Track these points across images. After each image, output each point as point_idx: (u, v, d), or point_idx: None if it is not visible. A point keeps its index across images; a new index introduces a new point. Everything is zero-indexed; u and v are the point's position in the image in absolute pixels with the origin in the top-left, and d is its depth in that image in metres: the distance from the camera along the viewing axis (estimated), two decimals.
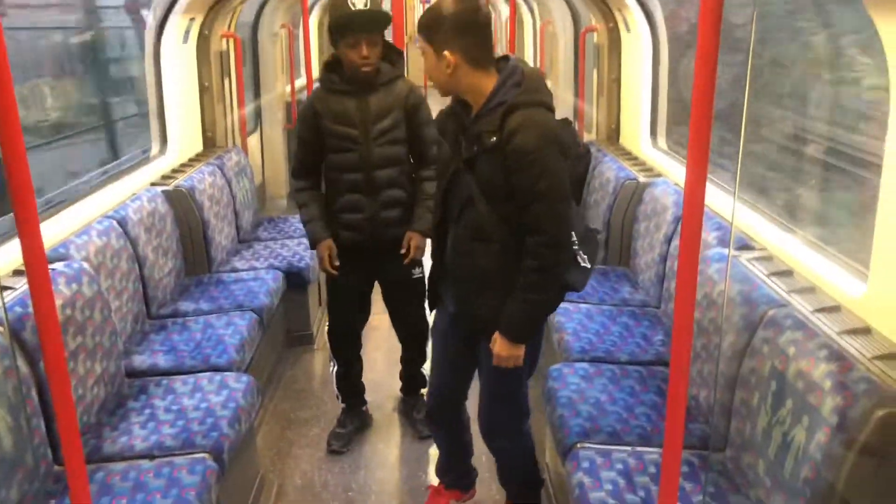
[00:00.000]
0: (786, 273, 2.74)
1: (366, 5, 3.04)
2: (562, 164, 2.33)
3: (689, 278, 1.71)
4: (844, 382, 1.99)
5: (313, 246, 3.37)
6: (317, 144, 3.26)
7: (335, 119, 3.19)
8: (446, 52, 2.30)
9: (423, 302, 3.47)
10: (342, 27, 3.05)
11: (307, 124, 3.26)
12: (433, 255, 2.69)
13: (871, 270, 2.31)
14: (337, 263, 3.34)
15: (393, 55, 3.28)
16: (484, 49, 2.34)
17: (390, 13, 3.25)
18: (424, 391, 3.73)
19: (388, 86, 3.22)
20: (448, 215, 2.55)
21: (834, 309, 2.42)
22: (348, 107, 3.18)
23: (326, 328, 3.74)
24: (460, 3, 2.32)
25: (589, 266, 2.50)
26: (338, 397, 3.76)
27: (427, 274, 2.83)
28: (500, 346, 2.47)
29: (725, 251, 3.02)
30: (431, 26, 2.34)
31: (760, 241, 3.11)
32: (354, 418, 3.76)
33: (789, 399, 2.19)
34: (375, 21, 3.09)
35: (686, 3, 5.11)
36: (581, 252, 2.48)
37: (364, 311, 3.66)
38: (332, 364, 3.70)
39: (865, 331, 2.25)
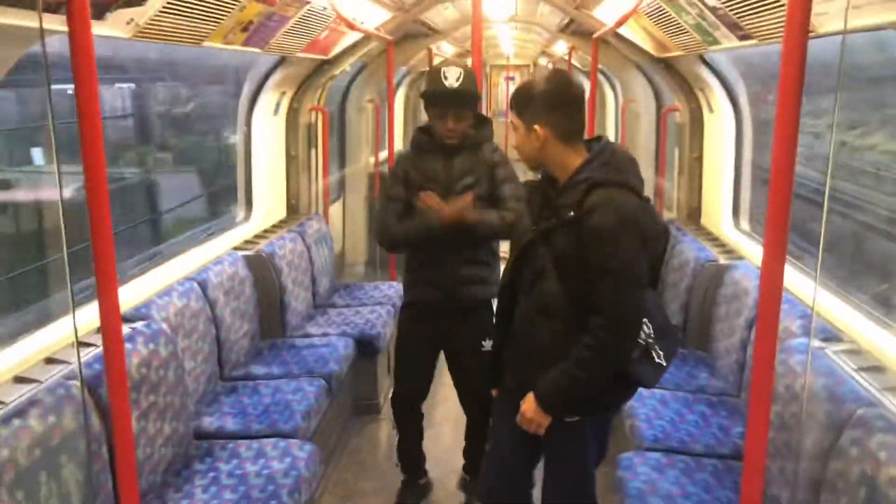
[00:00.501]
0: (877, 369, 2.57)
1: (458, 79, 3.16)
2: (638, 247, 2.28)
3: (766, 366, 1.63)
4: None
5: (433, 223, 3.20)
6: (404, 201, 3.33)
7: (422, 176, 3.30)
8: (536, 127, 2.34)
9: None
10: (432, 101, 3.22)
11: (397, 181, 3.35)
12: (496, 328, 2.69)
13: None
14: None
15: (480, 123, 3.38)
16: (574, 124, 2.37)
17: (478, 93, 3.34)
18: None
19: (474, 148, 3.32)
20: (518, 286, 2.54)
21: None
22: (435, 166, 3.30)
23: (391, 395, 3.71)
24: (553, 79, 2.39)
25: (664, 364, 2.40)
26: (397, 465, 3.72)
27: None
28: (528, 404, 2.44)
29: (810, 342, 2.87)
30: (523, 101, 2.39)
31: (849, 333, 2.93)
32: (415, 490, 3.69)
33: None
34: (462, 99, 3.21)
35: (772, 83, 5.02)
36: (656, 347, 2.38)
37: (428, 379, 3.62)
38: (395, 432, 3.67)
39: None
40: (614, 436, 4.22)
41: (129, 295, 3.27)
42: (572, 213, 2.28)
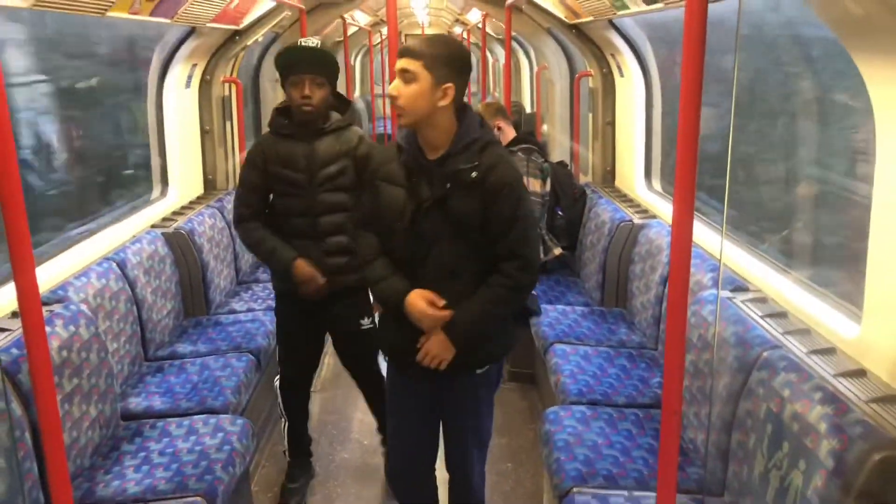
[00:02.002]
0: (780, 314, 2.75)
1: (315, 44, 3.08)
2: (528, 194, 2.51)
3: (678, 316, 1.73)
4: (840, 425, 1.98)
5: (288, 268, 3.19)
6: (263, 189, 3.23)
7: (282, 163, 3.15)
8: (447, 86, 2.33)
9: (375, 352, 3.49)
10: (287, 66, 3.05)
11: (255, 168, 3.20)
12: (394, 307, 2.54)
13: (865, 312, 2.32)
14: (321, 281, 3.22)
15: (342, 105, 3.28)
16: (464, 94, 2.43)
17: (335, 57, 3.24)
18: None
19: (337, 133, 3.20)
20: (411, 258, 2.48)
21: (829, 351, 2.43)
22: (295, 151, 3.15)
23: (277, 380, 3.64)
24: (462, 45, 2.43)
25: (536, 294, 2.70)
26: (285, 452, 3.66)
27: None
28: (435, 342, 2.46)
29: (721, 292, 3.04)
30: (439, 56, 2.32)
31: (755, 283, 3.12)
32: (304, 470, 3.68)
33: (786, 442, 2.18)
34: (319, 58, 3.07)
35: (678, 48, 5.21)
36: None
37: (313, 363, 3.60)
38: (283, 419, 3.61)
39: (860, 373, 2.25)
40: (540, 392, 4.39)
41: (44, 276, 3.15)
42: (475, 175, 2.35)
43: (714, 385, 2.71)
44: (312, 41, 3.11)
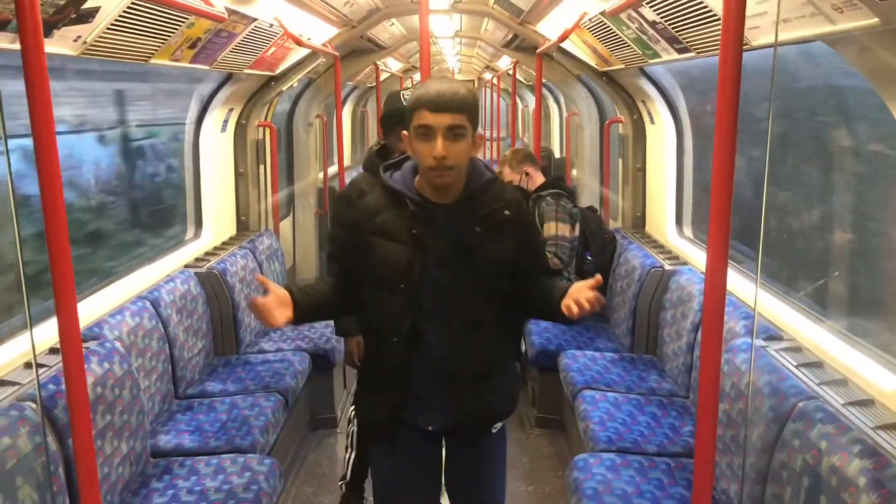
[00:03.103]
0: (816, 364, 2.71)
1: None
2: None
3: (712, 367, 1.71)
4: (880, 479, 1.93)
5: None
6: None
7: None
8: (477, 133, 2.20)
9: None
10: None
11: None
12: (397, 380, 2.31)
13: None
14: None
15: None
16: None
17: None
18: None
19: None
20: (422, 318, 2.25)
21: (867, 402, 2.38)
22: None
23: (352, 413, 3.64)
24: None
25: None
26: (342, 486, 3.65)
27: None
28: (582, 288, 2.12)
29: (752, 341, 3.00)
30: (475, 104, 2.14)
31: (789, 332, 3.08)
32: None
33: (823, 496, 2.12)
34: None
35: (710, 94, 5.24)
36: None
37: None
38: (349, 451, 3.61)
39: None
40: (569, 439, 4.33)
41: (81, 314, 3.21)
42: (508, 212, 2.26)
43: (748, 435, 2.66)
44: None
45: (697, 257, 4.40)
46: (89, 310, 3.34)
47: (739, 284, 3.63)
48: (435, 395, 2.31)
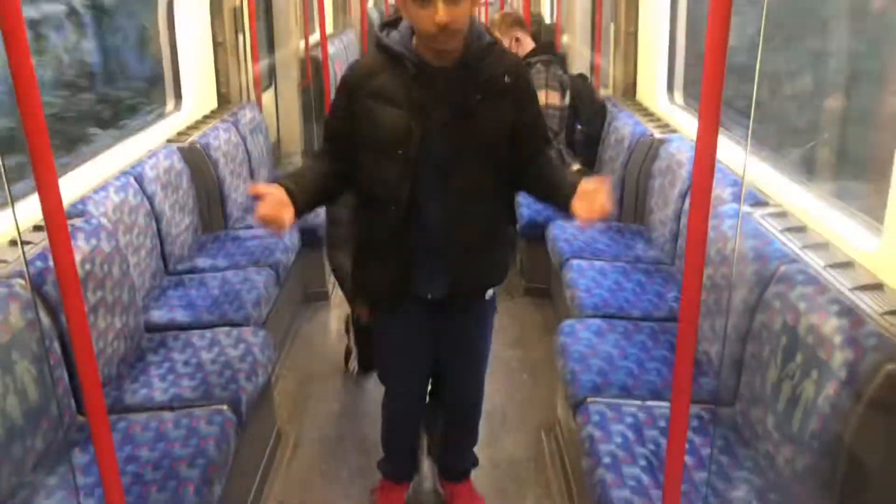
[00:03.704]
0: (799, 229, 2.73)
1: None
2: None
3: (699, 233, 1.71)
4: (855, 337, 1.99)
5: None
6: None
7: None
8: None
9: None
10: None
11: None
12: (391, 250, 2.34)
13: (886, 225, 2.30)
14: None
15: None
16: None
17: None
18: None
19: None
20: (418, 188, 2.23)
21: (846, 265, 2.41)
22: None
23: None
24: None
25: None
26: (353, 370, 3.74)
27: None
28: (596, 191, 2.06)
29: (738, 207, 3.01)
30: None
31: (774, 197, 3.09)
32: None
33: (799, 353, 2.20)
34: None
35: None
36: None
37: None
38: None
39: (878, 286, 2.24)
40: (555, 307, 4.44)
41: (64, 191, 3.16)
42: (507, 78, 2.21)
43: (730, 298, 2.72)
44: None
45: (688, 125, 4.34)
46: (72, 187, 3.29)
47: (727, 150, 3.59)
48: (432, 263, 2.34)
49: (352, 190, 2.42)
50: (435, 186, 2.23)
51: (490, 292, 2.53)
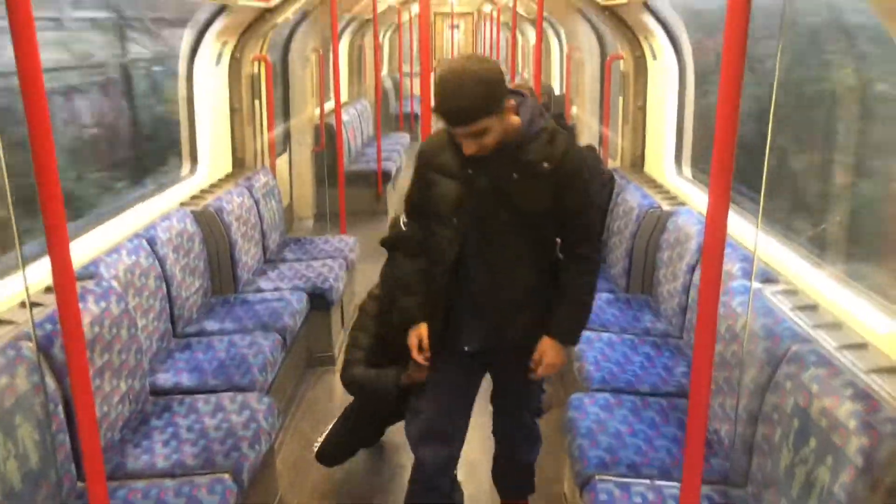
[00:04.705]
0: (811, 307, 2.72)
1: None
2: (600, 178, 2.59)
3: (710, 309, 1.71)
4: (870, 422, 1.96)
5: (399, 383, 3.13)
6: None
7: None
8: (507, 104, 2.29)
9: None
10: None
11: None
12: (439, 299, 2.57)
13: None
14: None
15: None
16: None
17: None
18: None
19: None
20: (465, 250, 2.48)
21: (860, 346, 2.39)
22: None
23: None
24: (482, 58, 2.29)
25: None
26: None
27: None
28: (554, 353, 2.58)
29: (748, 283, 3.00)
30: (490, 96, 2.21)
31: (785, 274, 3.08)
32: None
33: (813, 437, 2.15)
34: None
35: (715, 32, 5.12)
36: None
37: None
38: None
39: (893, 370, 2.22)
40: (563, 378, 4.39)
41: (77, 253, 3.20)
42: (546, 164, 2.36)
43: (741, 377, 2.69)
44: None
45: (696, 198, 4.37)
46: (86, 248, 3.33)
47: (736, 225, 3.61)
48: (472, 320, 2.59)
49: None
50: (478, 251, 2.48)
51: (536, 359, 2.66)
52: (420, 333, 2.65)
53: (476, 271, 2.51)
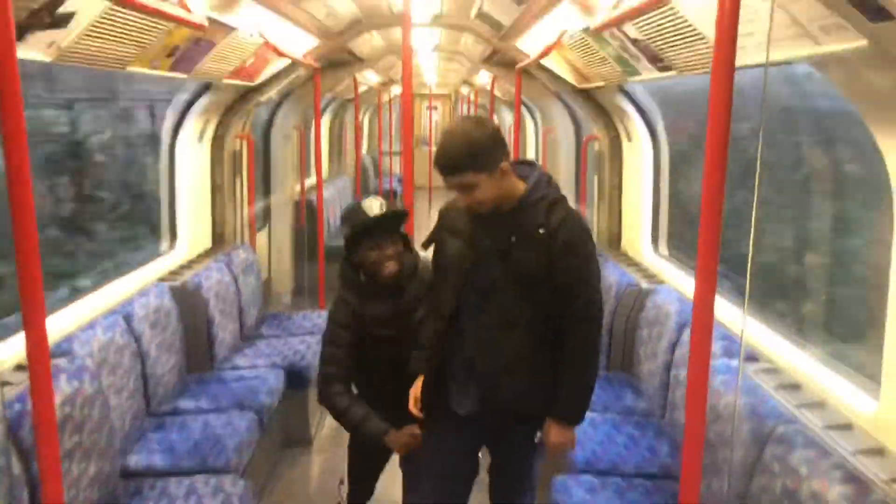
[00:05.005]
0: (793, 386, 2.72)
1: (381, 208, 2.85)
2: (595, 251, 2.57)
3: (699, 392, 1.70)
4: None
5: (382, 439, 2.81)
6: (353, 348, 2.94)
7: (375, 324, 2.91)
8: (501, 165, 2.38)
9: None
10: (363, 233, 2.84)
11: (346, 328, 2.91)
12: (433, 358, 2.63)
13: (883, 389, 2.29)
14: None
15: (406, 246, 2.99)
16: (509, 155, 2.48)
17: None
18: None
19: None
20: (464, 309, 2.55)
21: (845, 426, 2.39)
22: (384, 311, 2.90)
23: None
24: (482, 121, 2.44)
25: None
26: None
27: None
28: (556, 433, 2.56)
29: (731, 362, 3.00)
30: (477, 153, 2.33)
31: (766, 353, 3.09)
32: None
33: None
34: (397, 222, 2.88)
35: (686, 115, 5.30)
36: None
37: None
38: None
39: (880, 451, 2.21)
40: (546, 460, 4.30)
41: (51, 329, 3.12)
42: (542, 231, 2.41)
43: (729, 459, 2.66)
44: (377, 205, 2.86)
45: (674, 275, 4.42)
46: (60, 325, 3.26)
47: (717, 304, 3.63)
48: (466, 382, 2.61)
49: None
50: (475, 311, 2.52)
51: (538, 436, 2.64)
52: (416, 390, 2.72)
53: (470, 332, 2.54)
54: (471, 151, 2.34)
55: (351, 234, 2.86)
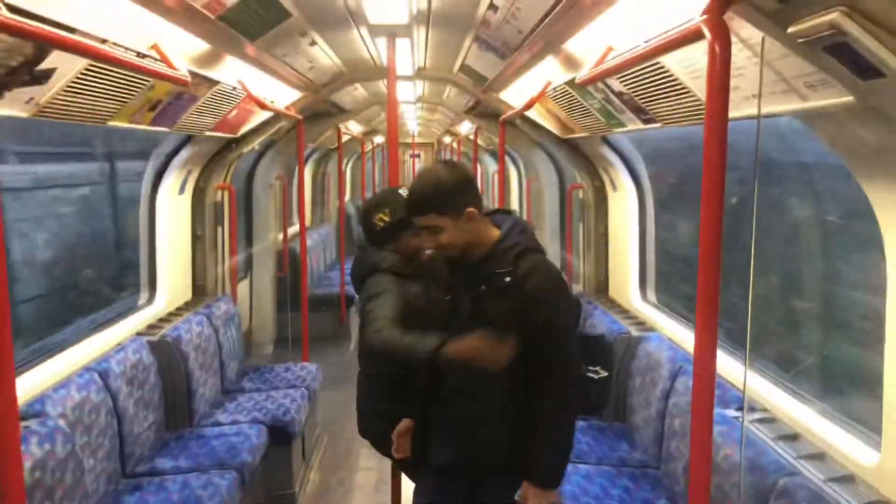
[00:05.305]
0: (792, 437, 2.65)
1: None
2: (570, 303, 2.50)
3: (703, 447, 1.64)
4: None
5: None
6: None
7: None
8: (468, 210, 2.37)
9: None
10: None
11: None
12: (416, 408, 2.72)
13: (884, 441, 2.23)
14: None
15: None
16: (481, 201, 2.48)
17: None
18: None
19: None
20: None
21: (847, 478, 2.32)
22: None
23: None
24: (455, 165, 2.49)
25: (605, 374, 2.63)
26: None
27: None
28: (535, 497, 2.43)
29: (726, 412, 2.94)
30: (443, 195, 2.37)
31: (762, 402, 3.03)
32: None
33: None
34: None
35: (670, 164, 5.33)
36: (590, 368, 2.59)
37: None
38: None
39: None
40: None
41: (22, 388, 3.00)
42: (508, 279, 2.35)
43: None
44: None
45: (663, 322, 4.37)
46: (31, 383, 3.13)
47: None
48: (444, 432, 2.61)
49: None
50: (451, 361, 2.41)
51: (518, 494, 2.51)
52: (401, 432, 2.80)
53: (450, 380, 2.52)
54: (436, 192, 2.37)
55: (400, 222, 2.88)
